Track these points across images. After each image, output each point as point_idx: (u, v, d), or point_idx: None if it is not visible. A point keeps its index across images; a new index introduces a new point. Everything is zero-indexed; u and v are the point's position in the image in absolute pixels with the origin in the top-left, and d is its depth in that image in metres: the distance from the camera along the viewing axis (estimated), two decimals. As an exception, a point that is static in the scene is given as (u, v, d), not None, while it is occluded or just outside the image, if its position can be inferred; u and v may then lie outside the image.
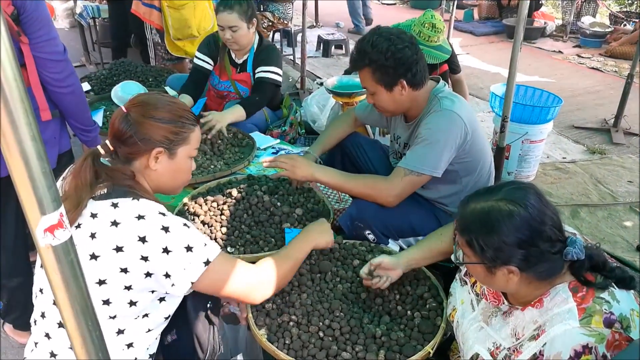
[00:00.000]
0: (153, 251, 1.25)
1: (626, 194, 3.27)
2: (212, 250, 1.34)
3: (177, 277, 1.28)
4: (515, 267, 1.22)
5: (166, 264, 1.26)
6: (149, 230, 1.25)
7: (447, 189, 2.06)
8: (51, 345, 1.30)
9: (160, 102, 1.42)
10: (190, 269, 1.29)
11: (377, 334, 1.59)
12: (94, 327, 0.74)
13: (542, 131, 3.27)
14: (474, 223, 1.27)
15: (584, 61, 6.25)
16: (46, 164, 0.62)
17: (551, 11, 8.39)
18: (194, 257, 1.29)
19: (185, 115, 1.45)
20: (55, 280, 0.69)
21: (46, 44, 1.76)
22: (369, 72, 1.93)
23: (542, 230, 1.21)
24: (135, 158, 1.40)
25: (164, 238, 1.26)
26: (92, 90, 3.68)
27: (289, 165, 2.11)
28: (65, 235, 0.67)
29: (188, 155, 1.48)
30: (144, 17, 4.10)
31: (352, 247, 1.99)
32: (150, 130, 1.37)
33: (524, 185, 1.29)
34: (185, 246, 1.28)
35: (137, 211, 1.27)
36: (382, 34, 1.91)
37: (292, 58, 5.82)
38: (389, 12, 8.71)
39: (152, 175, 1.43)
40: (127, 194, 1.31)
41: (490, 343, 1.35)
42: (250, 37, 3.01)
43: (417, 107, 2.02)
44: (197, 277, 1.30)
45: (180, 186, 1.55)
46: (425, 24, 2.96)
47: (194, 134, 1.47)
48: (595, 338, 1.12)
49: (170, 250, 1.26)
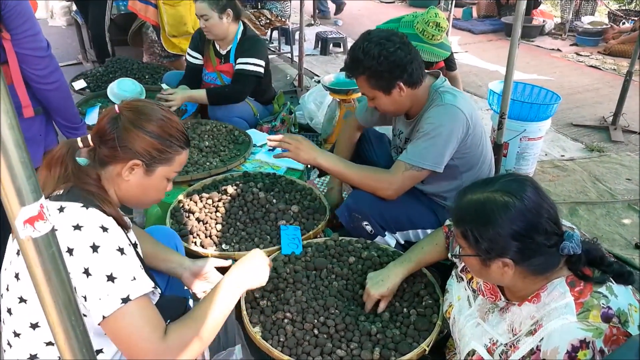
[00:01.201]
0: (75, 268, 1.12)
1: (625, 192, 3.25)
2: (138, 287, 1.15)
3: (92, 306, 1.12)
4: (509, 260, 1.21)
5: (85, 287, 1.12)
6: (77, 244, 1.13)
7: (447, 184, 2.05)
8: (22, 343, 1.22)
9: (154, 115, 1.32)
10: (106, 302, 1.12)
11: (372, 332, 1.58)
12: (78, 322, 0.72)
13: (540, 129, 3.26)
14: (469, 214, 1.26)
15: (582, 59, 6.23)
16: (25, 154, 0.60)
17: (550, 9, 8.37)
18: (114, 289, 1.12)
19: (175, 135, 1.34)
20: (36, 273, 0.67)
21: (29, 40, 1.71)
22: (365, 79, 1.92)
23: (537, 222, 1.19)
24: (110, 162, 1.31)
25: (89, 258, 1.13)
26: (88, 88, 3.67)
27: (293, 147, 2.04)
28: (47, 227, 0.65)
29: (166, 176, 1.37)
30: (140, 14, 4.08)
31: (348, 244, 1.97)
32: (134, 140, 1.28)
33: (521, 178, 1.28)
34: (108, 274, 1.13)
35: (76, 220, 1.15)
36: (372, 40, 1.88)
37: (290, 56, 5.80)
38: (387, 10, 8.69)
39: (122, 185, 1.32)
40: (80, 199, 1.21)
41: (487, 339, 1.34)
42: (225, 28, 3.04)
43: (418, 104, 2.01)
44: (110, 313, 1.11)
45: (148, 204, 1.44)
46: (429, 23, 2.94)
47: (179, 157, 1.37)
48: (592, 333, 1.11)
49: (90, 274, 1.12)
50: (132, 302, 1.13)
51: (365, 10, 8.49)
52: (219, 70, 3.20)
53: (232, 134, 2.90)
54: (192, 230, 2.04)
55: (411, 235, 2.09)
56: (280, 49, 6.16)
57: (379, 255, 1.90)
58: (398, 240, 2.08)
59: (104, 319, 1.13)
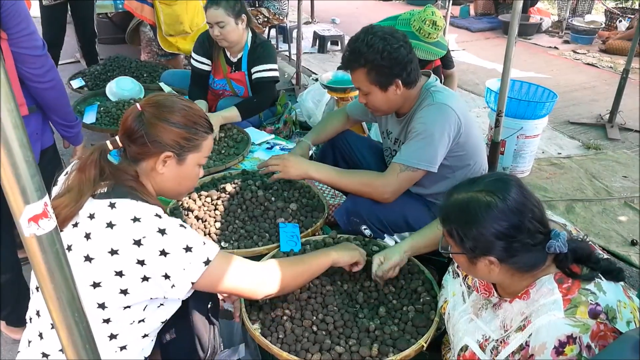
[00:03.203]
0: (150, 254, 1.21)
1: (621, 189, 3.27)
2: (211, 249, 1.30)
3: (177, 278, 1.25)
4: (494, 258, 1.23)
5: (164, 265, 1.23)
6: (144, 233, 1.22)
7: (440, 185, 2.05)
8: (43, 345, 1.28)
9: (176, 106, 1.38)
10: (190, 269, 1.26)
11: (370, 328, 1.59)
12: (81, 318, 0.73)
13: (537, 126, 3.27)
14: (453, 213, 1.28)
15: (579, 57, 6.26)
16: (29, 152, 0.61)
17: (547, 7, 8.39)
18: (194, 257, 1.26)
19: (200, 122, 1.41)
20: (40, 270, 0.68)
21: (25, 39, 1.71)
22: (364, 72, 1.90)
23: (520, 222, 1.21)
24: (142, 159, 1.37)
25: (161, 240, 1.22)
26: (86, 86, 3.67)
27: (282, 167, 2.09)
28: (50, 225, 0.66)
29: (197, 163, 1.44)
30: (136, 12, 4.07)
31: (347, 241, 1.98)
32: (162, 133, 1.34)
33: (505, 177, 1.29)
34: (184, 247, 1.25)
35: (133, 213, 1.24)
36: (376, 34, 1.87)
37: (287, 54, 5.80)
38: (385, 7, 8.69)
39: (158, 179, 1.39)
40: (127, 195, 1.28)
41: (480, 335, 1.36)
42: (240, 34, 2.97)
43: (409, 103, 2.01)
44: (198, 277, 1.27)
45: (184, 192, 1.53)
46: (426, 21, 2.95)
47: (206, 142, 1.44)
48: (579, 328, 1.12)
49: (168, 252, 1.22)
50: (212, 261, 1.29)
51: (363, 9, 8.50)
52: (230, 78, 3.14)
53: (230, 132, 2.91)
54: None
55: None
56: (278, 47, 6.16)
57: (377, 251, 1.91)
58: (397, 241, 2.09)
59: (193, 284, 1.28)
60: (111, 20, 5.66)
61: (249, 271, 1.40)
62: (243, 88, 3.14)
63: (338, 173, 2.06)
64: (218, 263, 1.31)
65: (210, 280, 1.30)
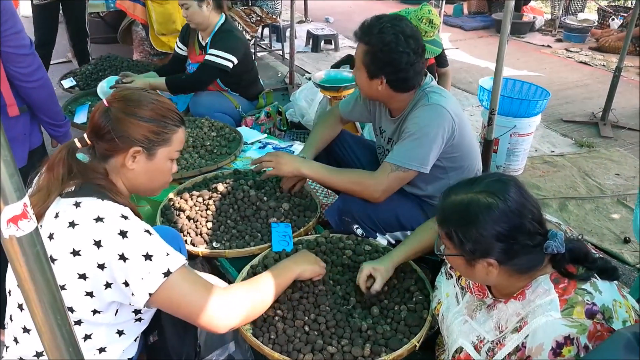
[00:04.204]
0: (109, 258, 1.17)
1: (614, 187, 3.28)
2: (175, 261, 1.22)
3: (135, 287, 1.18)
4: (494, 260, 1.21)
5: (124, 272, 1.17)
6: (105, 234, 1.17)
7: (433, 185, 2.03)
8: (19, 350, 1.25)
9: (143, 99, 1.35)
10: (149, 279, 1.18)
11: (363, 328, 1.58)
12: (64, 321, 0.71)
13: (530, 124, 3.27)
14: (453, 215, 1.26)
15: (572, 55, 6.27)
16: (7, 152, 0.60)
17: (540, 5, 8.41)
18: (153, 267, 1.18)
19: (169, 116, 1.37)
20: (21, 273, 0.66)
21: (12, 38, 1.69)
22: (363, 50, 1.89)
23: (521, 223, 1.20)
24: (111, 155, 1.33)
25: (121, 244, 1.17)
26: (77, 86, 3.64)
27: (274, 163, 2.07)
28: (30, 226, 0.64)
29: (168, 157, 1.40)
30: (128, 12, 4.06)
31: (339, 240, 1.97)
32: (129, 128, 1.30)
33: (505, 178, 1.28)
34: (144, 254, 1.18)
35: (96, 213, 1.20)
36: (396, 27, 1.83)
37: (281, 53, 5.79)
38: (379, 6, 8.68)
39: (129, 175, 1.35)
40: (94, 194, 1.24)
41: (474, 336, 1.35)
42: (205, 16, 3.06)
43: (401, 103, 1.99)
44: (155, 289, 1.18)
45: (158, 188, 1.46)
46: (422, 19, 2.94)
47: (176, 135, 1.39)
48: (577, 329, 1.12)
49: (127, 258, 1.17)
50: (173, 274, 1.20)
51: (356, 7, 8.49)
52: (200, 61, 3.19)
53: (222, 131, 2.89)
54: (182, 228, 2.03)
55: (401, 237, 2.08)
56: (271, 46, 6.14)
57: (370, 251, 1.90)
58: (389, 241, 2.08)
59: (150, 297, 1.19)
60: (103, 19, 5.62)
61: (214, 295, 1.27)
62: None
63: (329, 171, 2.05)
64: (180, 277, 1.22)
65: (169, 295, 1.21)
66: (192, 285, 1.24)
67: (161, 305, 1.25)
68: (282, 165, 2.06)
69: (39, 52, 1.90)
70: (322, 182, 2.11)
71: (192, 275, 1.28)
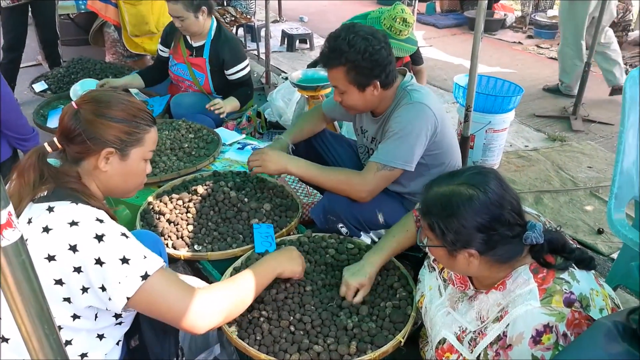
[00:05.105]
0: (85, 262, 1.15)
1: (586, 179, 3.36)
2: (152, 263, 1.21)
3: (113, 291, 1.16)
4: (475, 251, 1.24)
5: (100, 276, 1.15)
6: (80, 238, 1.15)
7: (416, 182, 2.06)
8: None
9: (114, 100, 1.33)
10: (126, 283, 1.16)
11: (348, 326, 1.59)
12: (51, 330, 0.71)
13: (504, 120, 3.33)
14: (435, 207, 1.28)
15: (543, 51, 6.40)
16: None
17: (510, 3, 8.54)
18: (130, 270, 1.17)
19: (140, 115, 1.36)
20: (7, 283, 0.65)
21: None
22: (343, 71, 1.88)
23: (501, 214, 1.23)
24: (83, 158, 1.31)
25: (97, 248, 1.16)
26: (49, 90, 3.57)
27: (260, 161, 2.06)
28: (15, 236, 0.63)
29: (142, 158, 1.39)
30: (100, 13, 3.99)
31: (322, 239, 1.98)
32: (101, 129, 1.29)
33: (485, 170, 1.31)
34: (121, 257, 1.17)
35: (71, 217, 1.17)
36: (358, 33, 1.85)
37: (256, 53, 5.76)
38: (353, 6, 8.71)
39: (102, 177, 1.33)
40: (67, 197, 1.22)
41: (457, 327, 1.37)
42: (201, 25, 3.07)
43: (386, 102, 2.01)
44: (133, 292, 1.17)
45: (132, 190, 1.44)
46: (396, 19, 2.97)
47: (149, 135, 1.38)
48: (555, 317, 1.15)
49: (103, 262, 1.15)
50: (151, 277, 1.19)
51: (330, 6, 8.49)
52: (190, 63, 3.20)
53: (200, 132, 2.87)
54: (163, 232, 2.01)
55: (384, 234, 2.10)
56: (246, 46, 6.11)
57: (352, 249, 1.91)
58: (373, 239, 2.09)
59: (128, 300, 1.17)
60: (73, 21, 5.51)
61: (194, 297, 1.25)
62: (204, 76, 3.19)
63: (317, 169, 2.05)
64: (158, 280, 1.20)
65: (147, 298, 1.19)
66: (170, 287, 1.23)
67: (140, 308, 1.24)
68: (268, 162, 2.05)
69: (9, 56, 1.84)
70: (308, 180, 2.11)
71: (170, 277, 1.26)
